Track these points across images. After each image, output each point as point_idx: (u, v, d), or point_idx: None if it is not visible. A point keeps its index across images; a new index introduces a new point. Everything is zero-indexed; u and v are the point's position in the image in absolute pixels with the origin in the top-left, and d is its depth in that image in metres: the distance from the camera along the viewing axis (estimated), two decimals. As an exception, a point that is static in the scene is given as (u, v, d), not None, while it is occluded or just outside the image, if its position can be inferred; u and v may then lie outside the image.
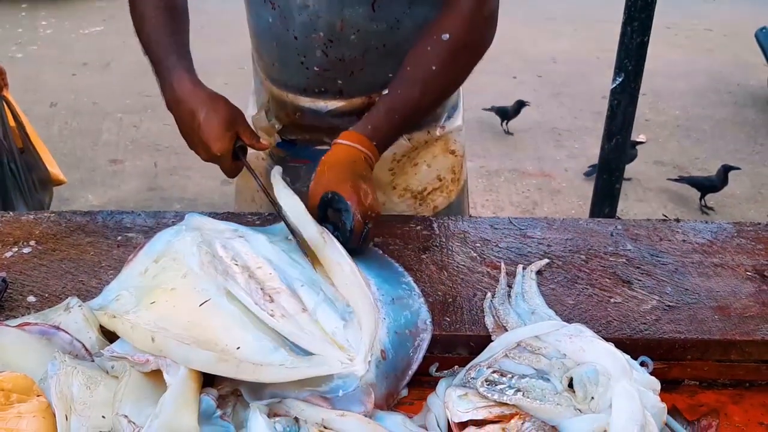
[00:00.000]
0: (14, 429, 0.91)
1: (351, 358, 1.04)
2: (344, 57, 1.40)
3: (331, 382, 1.03)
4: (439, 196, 1.61)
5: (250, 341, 1.04)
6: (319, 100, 1.47)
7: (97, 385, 0.99)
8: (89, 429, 0.93)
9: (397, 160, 1.54)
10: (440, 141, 1.58)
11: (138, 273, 1.17)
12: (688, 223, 1.44)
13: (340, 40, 1.38)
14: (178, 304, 1.09)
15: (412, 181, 1.58)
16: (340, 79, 1.43)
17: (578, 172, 4.97)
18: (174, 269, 1.14)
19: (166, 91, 1.35)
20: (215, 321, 1.06)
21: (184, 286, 1.11)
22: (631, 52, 2.47)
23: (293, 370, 1.00)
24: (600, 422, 0.93)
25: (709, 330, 1.13)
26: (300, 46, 1.40)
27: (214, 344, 1.03)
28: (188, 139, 1.34)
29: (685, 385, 1.14)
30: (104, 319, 1.09)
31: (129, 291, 1.14)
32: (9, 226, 1.36)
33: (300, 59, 1.42)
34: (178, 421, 0.90)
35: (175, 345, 1.00)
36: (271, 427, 0.90)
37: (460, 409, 0.98)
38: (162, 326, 1.04)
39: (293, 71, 1.45)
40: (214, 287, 1.10)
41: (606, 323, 1.14)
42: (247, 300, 1.08)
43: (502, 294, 1.19)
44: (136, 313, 1.08)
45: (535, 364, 1.03)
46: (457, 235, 1.37)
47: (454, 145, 1.61)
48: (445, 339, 1.13)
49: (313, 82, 1.45)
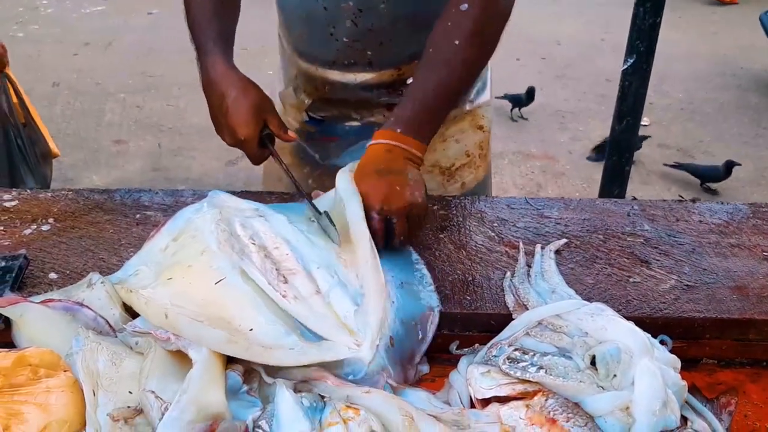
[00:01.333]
0: (43, 403, 0.92)
1: (358, 344, 1.05)
2: (373, 27, 1.39)
3: (340, 369, 1.03)
4: (467, 172, 1.61)
5: (263, 324, 1.04)
6: (348, 73, 1.46)
7: (122, 361, 1.00)
8: (116, 404, 0.94)
9: None
10: (468, 116, 1.58)
11: (158, 250, 1.17)
12: (704, 204, 1.44)
13: (370, 10, 1.37)
14: (194, 281, 1.09)
15: (441, 157, 1.58)
16: (369, 50, 1.42)
17: (582, 154, 4.97)
18: (192, 247, 1.15)
19: (202, 74, 1.34)
20: (229, 300, 1.07)
21: (200, 264, 1.11)
22: (643, 33, 2.46)
23: (302, 355, 1.00)
24: (623, 399, 0.94)
25: (727, 309, 1.14)
26: (329, 17, 1.40)
27: (228, 323, 1.03)
28: (216, 122, 1.33)
29: (703, 363, 1.15)
30: (122, 292, 1.10)
31: (148, 266, 1.15)
32: (27, 203, 1.37)
33: (329, 30, 1.41)
34: (206, 397, 0.91)
35: (187, 322, 1.01)
36: (298, 402, 0.91)
37: (483, 386, 0.99)
38: (177, 303, 1.05)
39: (322, 43, 1.45)
40: (229, 266, 1.10)
41: (626, 302, 1.15)
42: (260, 280, 1.09)
43: (522, 273, 1.19)
44: (153, 288, 1.08)
45: (557, 343, 1.04)
46: (474, 214, 1.37)
47: (482, 120, 1.61)
48: (466, 317, 1.13)
49: (342, 54, 1.44)
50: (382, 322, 1.08)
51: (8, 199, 1.38)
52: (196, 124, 5.07)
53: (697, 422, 0.98)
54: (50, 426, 0.90)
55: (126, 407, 0.93)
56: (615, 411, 0.94)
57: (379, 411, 0.93)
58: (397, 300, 1.14)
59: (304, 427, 0.88)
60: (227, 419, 0.91)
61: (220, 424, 0.87)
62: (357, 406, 0.93)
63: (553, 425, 0.92)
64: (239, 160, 4.60)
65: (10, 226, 1.30)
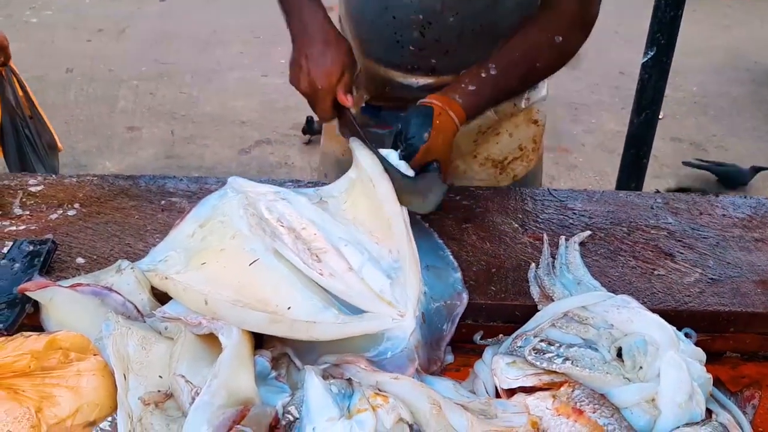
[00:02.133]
0: (75, 386, 0.93)
1: (402, 314, 1.06)
2: (440, 38, 1.40)
3: (379, 345, 1.05)
4: (519, 165, 1.61)
5: (300, 301, 1.05)
6: (410, 76, 1.47)
7: (152, 346, 1.00)
8: (147, 388, 0.95)
9: (482, 131, 1.54)
10: (524, 111, 1.58)
11: (185, 236, 1.18)
12: (727, 198, 1.44)
13: (438, 22, 1.38)
14: (228, 264, 1.10)
15: (494, 150, 1.58)
16: (434, 58, 1.43)
17: (595, 146, 4.95)
18: (222, 231, 1.16)
19: (293, 26, 1.33)
20: (265, 280, 1.08)
21: (233, 247, 1.12)
22: (664, 25, 2.45)
23: (345, 326, 1.02)
24: (649, 391, 0.95)
25: (752, 303, 1.14)
26: (398, 26, 1.40)
27: (266, 304, 1.04)
28: (296, 67, 1.29)
29: (727, 357, 1.15)
30: (155, 280, 1.10)
31: (177, 252, 1.15)
32: (53, 188, 1.38)
33: (396, 38, 1.42)
34: (236, 382, 0.92)
35: (228, 307, 1.02)
36: (327, 389, 0.91)
37: (509, 376, 0.99)
38: (213, 287, 1.06)
39: (388, 48, 1.45)
40: (262, 247, 1.12)
41: (650, 295, 1.15)
42: (295, 259, 1.10)
43: (547, 264, 1.19)
44: (185, 273, 1.09)
45: (583, 334, 1.04)
46: (497, 205, 1.37)
47: (537, 115, 1.61)
48: (491, 308, 1.14)
49: (407, 60, 1.45)
50: (418, 293, 1.10)
51: (34, 184, 1.39)
52: (209, 113, 5.07)
53: (722, 415, 0.98)
54: (82, 408, 0.91)
55: (157, 391, 0.94)
56: (641, 402, 0.95)
57: (407, 399, 0.93)
58: (425, 281, 1.15)
59: (334, 413, 0.88)
60: (258, 404, 0.91)
61: (251, 409, 0.88)
62: (386, 393, 0.93)
63: (579, 416, 0.93)
64: (252, 149, 4.60)
65: (37, 210, 1.31)
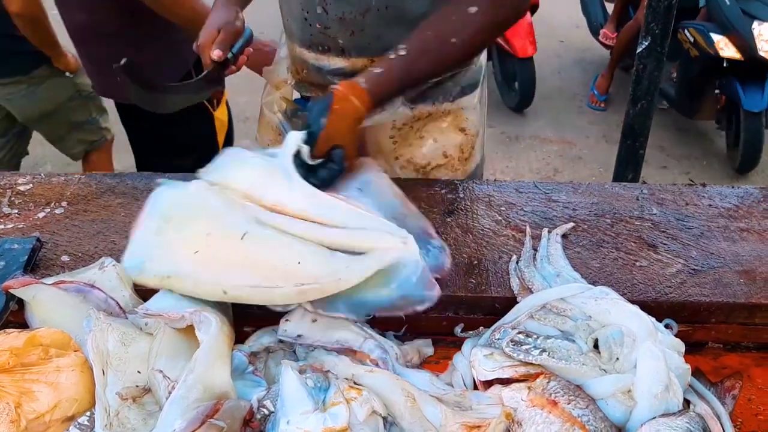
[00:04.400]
0: (54, 382, 0.94)
1: (405, 239, 1.09)
2: (344, 16, 1.38)
3: (399, 275, 1.06)
4: (444, 174, 1.56)
5: (305, 253, 1.08)
6: (322, 57, 1.47)
7: (132, 341, 1.02)
8: (125, 383, 0.96)
9: (398, 128, 1.51)
10: (450, 116, 1.53)
11: (153, 234, 1.14)
12: (714, 188, 1.43)
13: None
14: (220, 245, 1.10)
15: (416, 154, 1.54)
16: (340, 38, 1.42)
17: (599, 138, 4.93)
18: (197, 216, 1.15)
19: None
20: (263, 248, 1.09)
21: (217, 228, 1.12)
22: (658, 15, 2.42)
23: (364, 265, 1.05)
24: (625, 382, 0.95)
25: (734, 293, 1.14)
26: (304, 2, 1.41)
27: (274, 269, 1.06)
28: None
29: (709, 347, 1.15)
30: (153, 281, 1.08)
31: (157, 249, 1.13)
32: (41, 187, 1.39)
33: (304, 14, 1.43)
34: (211, 376, 0.93)
35: (250, 291, 1.04)
36: (302, 383, 0.92)
37: (486, 368, 1.00)
38: (224, 275, 1.06)
39: (299, 26, 1.46)
40: (244, 220, 1.13)
41: (631, 286, 1.15)
42: (279, 220, 1.12)
43: (528, 257, 1.20)
44: (183, 266, 1.08)
45: (561, 326, 1.04)
46: (482, 198, 1.37)
47: (465, 122, 1.55)
48: (471, 300, 1.14)
49: (316, 39, 1.45)
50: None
51: (23, 183, 1.40)
52: (212, 109, 5.09)
53: (700, 406, 0.98)
54: (60, 404, 0.92)
55: (134, 386, 0.95)
56: (617, 394, 0.95)
57: (381, 391, 0.94)
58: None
59: (308, 406, 0.89)
60: (232, 398, 0.92)
61: (225, 403, 0.89)
62: (360, 386, 0.94)
63: (554, 407, 0.93)
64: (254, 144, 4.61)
65: (25, 209, 1.33)
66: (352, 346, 1.03)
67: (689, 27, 4.39)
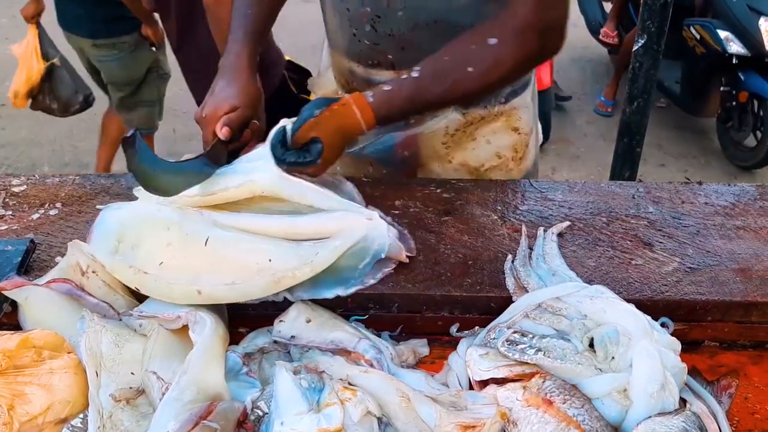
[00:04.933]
0: (47, 384, 0.94)
1: (370, 217, 1.15)
2: (393, 32, 1.37)
3: (369, 252, 1.13)
4: (498, 174, 1.54)
5: (273, 250, 1.11)
6: (372, 70, 1.46)
7: (126, 343, 1.01)
8: (119, 385, 0.96)
9: (450, 134, 1.49)
10: (502, 117, 1.51)
11: (109, 253, 1.13)
12: (710, 186, 1.43)
13: (387, 16, 1.35)
14: (185, 253, 1.12)
15: (470, 156, 1.52)
16: (390, 53, 1.41)
17: (597, 137, 4.93)
18: (151, 230, 1.16)
19: (223, 59, 1.40)
20: (230, 249, 1.12)
21: (176, 238, 1.14)
22: (654, 13, 2.42)
23: (334, 246, 1.10)
24: (620, 381, 0.95)
25: (730, 292, 1.13)
26: (352, 19, 1.40)
27: (245, 268, 1.08)
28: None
29: (705, 346, 1.15)
30: (129, 275, 1.10)
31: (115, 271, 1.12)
32: (35, 188, 1.38)
33: (352, 31, 1.42)
34: (205, 378, 0.93)
35: (225, 289, 1.06)
36: (297, 383, 0.92)
37: (482, 367, 0.99)
38: (187, 276, 1.08)
39: (348, 41, 1.45)
40: (202, 226, 1.15)
41: (627, 285, 1.14)
42: (241, 221, 1.16)
43: (523, 256, 1.19)
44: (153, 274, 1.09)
45: (556, 325, 1.04)
46: (478, 197, 1.37)
47: (518, 122, 1.53)
48: (466, 300, 1.14)
49: (366, 54, 1.44)
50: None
51: (17, 184, 1.40)
52: (210, 109, 5.07)
53: (696, 404, 0.98)
54: (53, 406, 0.92)
55: (128, 388, 0.95)
56: (612, 393, 0.95)
57: (376, 392, 0.94)
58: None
59: (302, 407, 0.89)
60: (226, 400, 0.92)
61: (218, 404, 0.88)
62: (355, 387, 0.94)
63: (549, 407, 0.93)
64: (253, 145, 4.61)
65: (19, 210, 1.32)
66: (346, 346, 1.03)
67: (695, 24, 4.39)
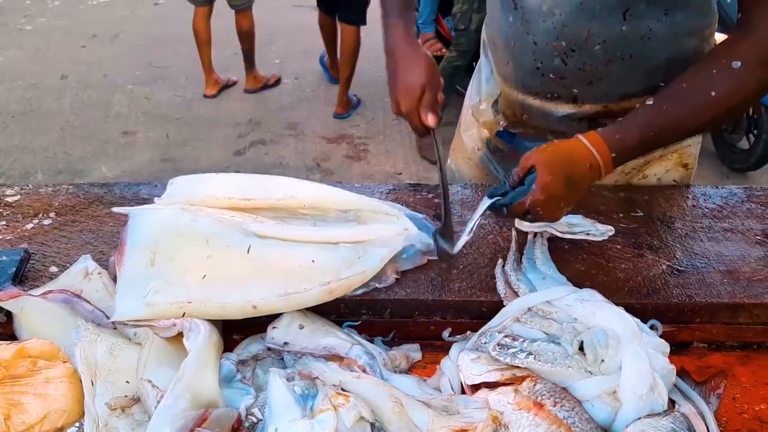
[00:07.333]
0: (42, 393, 0.94)
1: (406, 228, 1.21)
2: (584, 67, 1.33)
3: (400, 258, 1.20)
4: None
5: (315, 251, 1.13)
6: (549, 104, 1.42)
7: (120, 352, 1.02)
8: (114, 393, 0.97)
9: (626, 172, 1.48)
10: (675, 155, 1.49)
11: (144, 267, 1.11)
12: (698, 188, 1.44)
13: (583, 51, 1.31)
14: (229, 264, 1.11)
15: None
16: (576, 87, 1.37)
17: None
18: (188, 242, 1.14)
19: (385, 43, 1.34)
20: (273, 256, 1.13)
21: (216, 250, 1.12)
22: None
23: (379, 253, 1.15)
24: (610, 383, 0.96)
25: (718, 293, 1.15)
26: (538, 52, 1.36)
27: (292, 273, 1.10)
28: (389, 89, 1.32)
29: (693, 347, 1.16)
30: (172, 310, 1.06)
31: (155, 282, 1.09)
32: (29, 198, 1.39)
33: (536, 64, 1.37)
34: (199, 384, 0.94)
35: (279, 300, 1.07)
36: (290, 390, 0.93)
37: (473, 372, 1.01)
38: (237, 289, 1.08)
39: (527, 74, 1.41)
40: (241, 235, 1.15)
41: (616, 288, 1.16)
42: (275, 229, 1.17)
43: (514, 260, 1.20)
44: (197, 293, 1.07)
45: (546, 329, 1.05)
46: (469, 202, 1.38)
47: (688, 158, 1.50)
48: (458, 304, 1.15)
49: (547, 87, 1.40)
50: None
51: (11, 194, 1.40)
52: (203, 114, 5.09)
53: (685, 406, 0.99)
54: (49, 415, 0.93)
55: (123, 396, 0.96)
56: (602, 395, 0.96)
57: (369, 397, 0.95)
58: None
59: (296, 413, 0.90)
60: (220, 407, 0.93)
61: (213, 411, 0.89)
62: (348, 393, 0.95)
63: (540, 409, 0.94)
64: (247, 150, 4.62)
65: (13, 220, 1.33)
66: (339, 352, 1.04)
67: None
